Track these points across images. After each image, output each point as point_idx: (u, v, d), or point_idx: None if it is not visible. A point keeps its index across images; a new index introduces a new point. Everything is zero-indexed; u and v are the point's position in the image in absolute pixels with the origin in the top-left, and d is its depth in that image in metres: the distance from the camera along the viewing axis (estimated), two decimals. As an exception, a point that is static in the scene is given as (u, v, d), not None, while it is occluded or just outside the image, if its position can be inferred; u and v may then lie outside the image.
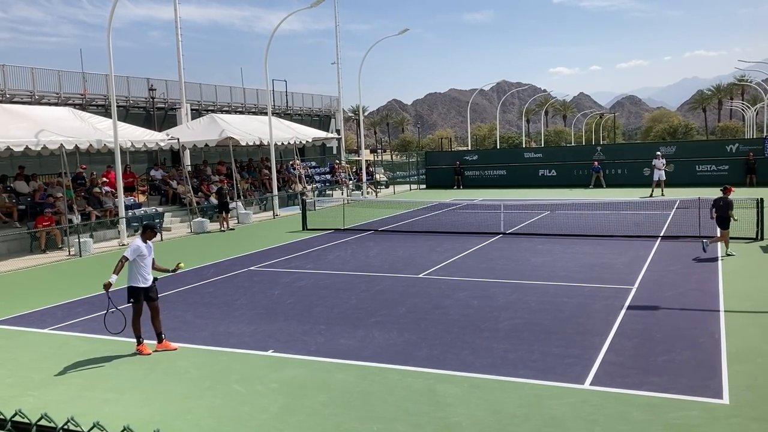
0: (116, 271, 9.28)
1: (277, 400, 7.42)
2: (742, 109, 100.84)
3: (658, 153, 31.93)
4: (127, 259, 9.32)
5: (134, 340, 9.49)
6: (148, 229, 9.76)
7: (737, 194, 21.89)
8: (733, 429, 6.24)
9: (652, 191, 30.39)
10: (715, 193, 16.71)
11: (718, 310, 10.51)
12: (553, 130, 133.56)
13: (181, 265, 9.93)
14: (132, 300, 9.40)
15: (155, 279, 9.64)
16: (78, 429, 1.43)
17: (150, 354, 9.27)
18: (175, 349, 9.48)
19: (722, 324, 9.71)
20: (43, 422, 1.45)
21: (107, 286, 9.19)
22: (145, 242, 9.52)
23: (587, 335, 9.40)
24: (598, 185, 36.57)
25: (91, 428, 1.42)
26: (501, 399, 7.19)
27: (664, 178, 30.52)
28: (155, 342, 9.55)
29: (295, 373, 8.33)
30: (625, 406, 6.87)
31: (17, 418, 1.48)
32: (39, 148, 20.21)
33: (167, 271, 9.95)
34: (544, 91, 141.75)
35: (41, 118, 22.11)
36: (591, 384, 7.53)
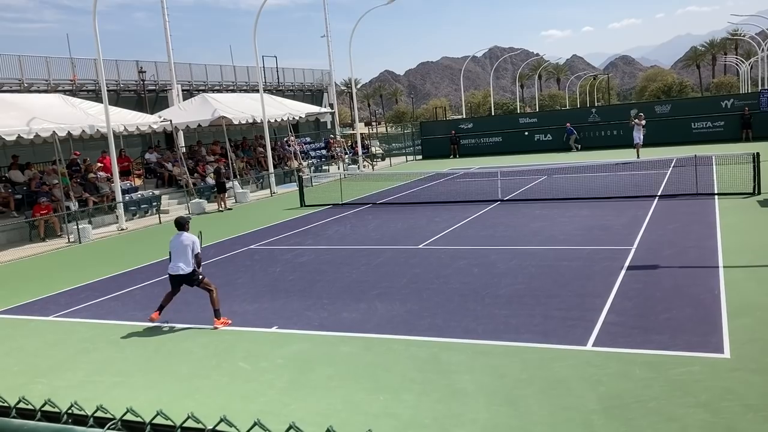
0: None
1: (283, 376, 7.48)
2: (737, 64, 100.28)
3: (640, 114, 31.24)
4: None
5: (139, 324, 9.54)
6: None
7: (733, 149, 21.81)
8: (734, 382, 6.32)
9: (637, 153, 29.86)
10: (711, 150, 16.71)
11: (717, 266, 10.56)
12: (547, 94, 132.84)
13: None
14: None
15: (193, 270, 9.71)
16: (82, 413, 1.44)
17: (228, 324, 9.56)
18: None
19: (721, 279, 9.77)
20: (47, 408, 1.46)
21: None
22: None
23: (588, 297, 9.46)
24: (571, 148, 37.10)
25: (95, 411, 1.43)
26: (505, 364, 7.26)
27: (641, 141, 30.00)
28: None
29: (300, 348, 8.39)
30: (627, 365, 6.94)
31: (21, 405, 1.49)
32: (31, 137, 20.08)
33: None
34: (537, 55, 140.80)
35: (32, 106, 21.94)
36: (593, 345, 7.60)
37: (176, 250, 9.65)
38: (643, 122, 30.14)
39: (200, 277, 9.66)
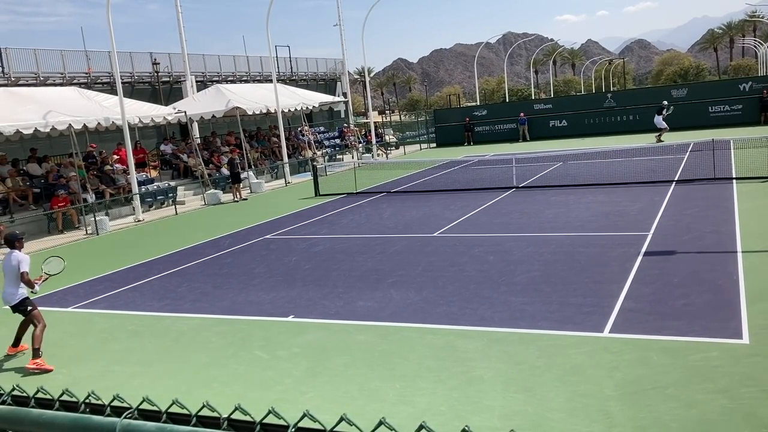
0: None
1: (300, 364, 7.52)
2: (755, 46, 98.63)
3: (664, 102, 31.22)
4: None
5: (157, 314, 9.61)
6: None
7: (751, 133, 21.49)
8: (753, 368, 6.26)
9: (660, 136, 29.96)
10: (729, 134, 16.49)
11: (736, 251, 10.45)
12: (562, 79, 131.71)
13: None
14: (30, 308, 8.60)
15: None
16: (99, 402, 1.46)
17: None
18: (51, 369, 8.17)
19: (740, 265, 9.67)
20: (65, 397, 1.48)
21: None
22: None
23: (604, 284, 9.41)
24: (524, 138, 38.22)
25: (112, 401, 1.44)
26: (521, 351, 7.25)
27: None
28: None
29: (316, 336, 8.43)
30: (644, 351, 6.90)
31: (39, 395, 1.51)
32: (48, 130, 20.25)
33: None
34: (551, 40, 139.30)
35: (48, 99, 22.11)
36: (610, 332, 7.56)
37: (6, 274, 8.54)
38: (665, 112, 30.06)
39: (29, 308, 8.51)
